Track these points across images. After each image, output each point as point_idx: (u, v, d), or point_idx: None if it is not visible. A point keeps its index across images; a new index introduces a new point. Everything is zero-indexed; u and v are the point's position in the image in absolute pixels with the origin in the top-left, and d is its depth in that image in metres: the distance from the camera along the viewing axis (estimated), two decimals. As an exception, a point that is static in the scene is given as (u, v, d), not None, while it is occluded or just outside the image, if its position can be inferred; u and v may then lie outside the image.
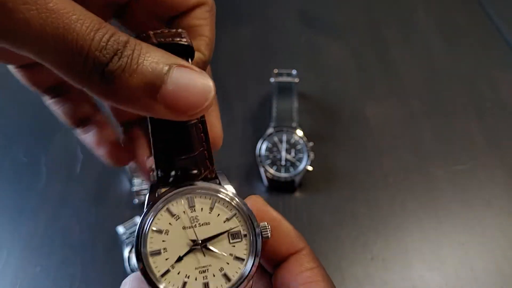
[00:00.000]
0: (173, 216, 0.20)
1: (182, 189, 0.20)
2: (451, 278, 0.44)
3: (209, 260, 0.19)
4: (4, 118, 0.56)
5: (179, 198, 0.20)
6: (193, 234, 0.19)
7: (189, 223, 0.20)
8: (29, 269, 0.43)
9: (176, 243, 0.19)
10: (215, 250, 0.19)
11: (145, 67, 0.17)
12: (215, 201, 0.20)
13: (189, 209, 0.20)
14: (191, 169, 0.21)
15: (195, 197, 0.20)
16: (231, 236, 0.20)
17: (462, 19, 0.73)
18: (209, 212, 0.20)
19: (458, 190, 0.51)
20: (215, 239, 0.20)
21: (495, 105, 0.60)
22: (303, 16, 0.72)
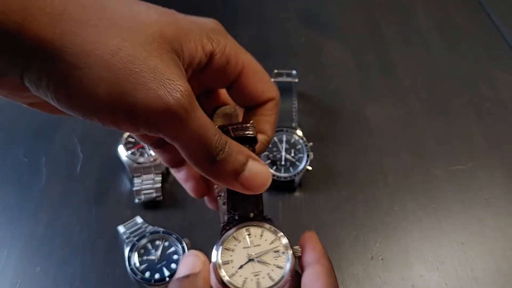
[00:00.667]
0: (236, 240, 0.30)
1: (243, 224, 0.30)
2: (451, 278, 0.44)
3: (260, 268, 0.29)
4: (4, 118, 0.56)
5: (241, 229, 0.30)
6: (250, 251, 0.30)
7: (247, 245, 0.30)
8: (29, 269, 0.43)
9: (239, 257, 0.29)
10: (264, 261, 0.29)
11: (234, 158, 0.25)
12: (263, 231, 0.30)
13: (247, 236, 0.30)
14: (248, 213, 0.31)
15: (251, 228, 0.30)
16: (274, 253, 0.30)
17: (462, 19, 0.73)
18: (260, 238, 0.30)
19: (457, 190, 0.51)
20: (263, 255, 0.30)
21: (495, 105, 0.60)
22: (303, 16, 0.72)
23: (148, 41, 0.22)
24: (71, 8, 0.20)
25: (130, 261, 0.41)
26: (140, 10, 0.23)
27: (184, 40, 0.24)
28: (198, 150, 0.24)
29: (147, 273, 0.41)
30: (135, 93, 0.21)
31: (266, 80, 0.30)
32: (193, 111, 0.23)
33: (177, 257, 0.42)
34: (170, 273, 0.40)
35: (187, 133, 0.23)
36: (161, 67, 0.22)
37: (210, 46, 0.26)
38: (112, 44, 0.21)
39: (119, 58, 0.21)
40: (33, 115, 0.56)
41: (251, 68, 0.28)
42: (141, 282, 0.40)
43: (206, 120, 0.24)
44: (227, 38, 0.27)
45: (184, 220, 0.47)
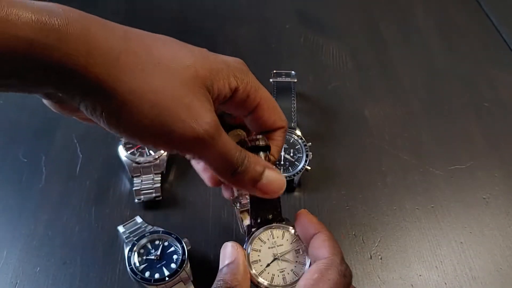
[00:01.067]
0: (262, 242, 0.34)
1: (266, 227, 0.35)
2: (450, 277, 0.44)
3: (285, 265, 0.34)
4: (4, 118, 0.56)
5: (265, 231, 0.35)
6: (275, 251, 0.34)
7: (272, 245, 0.34)
8: (28, 269, 0.43)
9: (266, 257, 0.34)
10: (287, 259, 0.34)
11: (252, 169, 0.30)
12: (284, 232, 0.35)
13: (271, 237, 0.35)
14: (268, 216, 0.35)
15: (274, 230, 0.35)
16: (295, 251, 0.34)
17: (461, 19, 0.73)
18: (282, 238, 0.35)
19: (456, 190, 0.51)
20: (286, 254, 0.34)
21: (494, 105, 0.60)
22: (302, 17, 0.72)
23: (185, 81, 0.27)
24: (124, 54, 0.26)
25: (130, 261, 0.41)
26: (179, 54, 0.28)
27: (215, 79, 0.29)
28: (222, 165, 0.30)
29: (147, 273, 0.41)
30: (173, 125, 0.27)
31: (278, 112, 0.34)
32: (219, 137, 0.28)
33: (177, 257, 0.42)
34: (169, 273, 0.41)
35: (212, 154, 0.29)
36: (194, 103, 0.27)
37: (235, 84, 0.31)
38: (156, 85, 0.26)
39: (161, 97, 0.26)
40: (33, 115, 0.57)
41: (267, 102, 0.33)
42: (140, 282, 0.40)
43: (229, 142, 0.29)
44: (249, 76, 0.32)
45: (183, 220, 0.48)
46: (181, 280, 0.41)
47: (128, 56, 0.26)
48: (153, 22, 0.70)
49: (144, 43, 0.27)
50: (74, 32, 0.24)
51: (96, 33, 0.25)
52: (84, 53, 0.24)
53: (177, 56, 0.28)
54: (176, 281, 0.40)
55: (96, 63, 0.24)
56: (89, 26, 0.25)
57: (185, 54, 0.29)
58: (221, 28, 0.70)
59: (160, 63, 0.27)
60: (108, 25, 0.26)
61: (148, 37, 0.28)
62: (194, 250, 0.44)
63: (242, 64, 0.33)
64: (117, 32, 0.26)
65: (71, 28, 0.24)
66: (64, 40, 0.23)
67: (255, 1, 0.75)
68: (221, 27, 0.70)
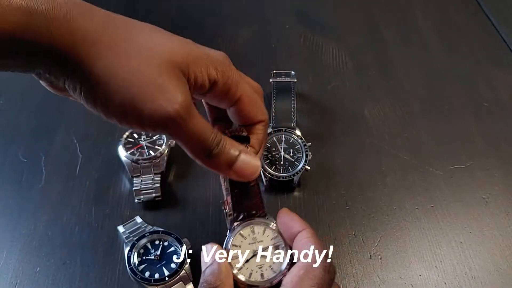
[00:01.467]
0: (243, 237, 0.35)
1: (247, 222, 0.35)
2: (449, 277, 0.44)
3: (263, 261, 0.34)
4: (4, 118, 0.56)
5: (246, 226, 0.35)
6: (254, 247, 0.34)
7: (252, 241, 0.35)
8: (28, 269, 0.44)
9: (245, 252, 0.34)
10: (266, 255, 0.34)
11: (227, 152, 0.32)
12: (266, 228, 0.35)
13: (252, 233, 0.35)
14: (252, 211, 0.36)
15: (255, 226, 0.35)
16: (274, 248, 0.34)
17: (461, 19, 0.73)
18: (263, 234, 0.35)
19: (456, 190, 0.51)
20: (266, 250, 0.34)
21: (493, 105, 0.60)
22: (302, 17, 0.72)
23: (160, 64, 0.28)
24: (104, 37, 0.27)
25: (130, 261, 0.41)
26: (158, 40, 0.30)
27: (192, 65, 0.30)
28: (195, 146, 0.30)
29: (147, 273, 0.41)
30: (144, 103, 0.28)
31: (258, 106, 0.36)
32: (190, 117, 0.29)
33: (177, 257, 0.42)
34: (169, 273, 0.41)
35: (185, 134, 0.30)
36: (167, 84, 0.28)
37: (214, 75, 0.32)
38: (130, 66, 0.28)
39: (135, 77, 0.28)
40: (33, 115, 0.57)
41: (247, 97, 0.34)
42: (140, 282, 0.40)
43: (202, 123, 0.30)
44: (231, 70, 0.33)
45: (183, 220, 0.48)
46: (181, 280, 0.41)
47: (107, 38, 0.27)
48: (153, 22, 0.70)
49: (124, 28, 0.29)
50: (58, 17, 0.26)
51: (78, 17, 0.27)
52: (67, 36, 0.26)
53: (155, 41, 0.29)
54: (176, 281, 0.40)
55: (77, 45, 0.26)
56: (72, 10, 0.26)
57: (164, 40, 0.30)
58: (221, 28, 0.70)
59: (137, 45, 0.28)
60: (91, 9, 0.28)
61: (129, 22, 0.30)
62: (194, 250, 0.44)
63: (224, 58, 0.33)
64: (98, 16, 0.28)
65: (56, 12, 0.26)
66: (50, 25, 0.25)
67: (255, 1, 0.75)
68: (221, 27, 0.70)
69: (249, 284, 0.33)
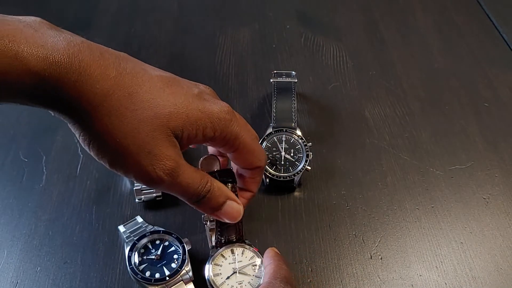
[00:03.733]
0: (223, 257, 0.40)
1: (228, 246, 0.41)
2: (450, 277, 0.44)
3: (243, 278, 0.39)
4: (4, 118, 0.56)
5: (227, 249, 0.40)
6: (234, 266, 0.39)
7: (232, 261, 0.40)
8: (29, 269, 0.44)
9: (226, 270, 0.39)
10: (245, 272, 0.39)
11: (215, 201, 0.36)
12: (244, 250, 0.40)
13: (232, 254, 0.40)
14: (232, 238, 0.41)
15: (235, 249, 0.41)
16: (253, 266, 0.39)
17: (461, 19, 0.73)
18: (241, 255, 0.40)
19: (456, 190, 0.51)
20: (245, 267, 0.39)
21: (493, 104, 0.60)
22: (303, 17, 0.73)
23: (153, 129, 0.31)
24: (108, 100, 0.30)
25: (130, 260, 0.41)
26: (160, 101, 0.32)
27: (188, 126, 0.32)
28: (183, 197, 0.34)
29: (147, 272, 0.41)
30: (131, 167, 0.31)
31: (256, 155, 0.38)
32: (176, 177, 0.32)
33: (177, 256, 0.42)
34: (170, 273, 0.41)
35: (172, 190, 0.34)
36: (155, 151, 0.31)
37: (211, 134, 0.34)
38: (126, 130, 0.30)
39: (127, 141, 0.30)
40: (33, 115, 0.57)
41: (245, 147, 0.37)
42: (141, 282, 0.40)
43: (189, 178, 0.33)
44: (230, 126, 0.35)
45: (184, 220, 0.48)
46: (181, 280, 0.41)
47: (110, 103, 0.30)
48: (154, 22, 0.70)
49: (131, 88, 0.31)
50: (69, 81, 0.28)
51: (88, 80, 0.29)
52: (74, 98, 0.29)
53: (156, 103, 0.31)
54: (176, 281, 0.40)
55: (81, 107, 0.29)
56: (85, 71, 0.29)
57: (165, 102, 0.32)
58: (222, 28, 0.70)
59: (137, 109, 0.30)
60: (104, 63, 0.30)
61: (139, 78, 0.31)
62: (194, 250, 0.44)
63: (226, 114, 0.35)
64: (110, 76, 0.30)
65: (68, 77, 0.28)
66: (59, 88, 0.28)
67: (256, 1, 0.75)
68: (222, 27, 0.70)
69: None
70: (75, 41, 0.29)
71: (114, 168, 0.32)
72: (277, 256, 0.39)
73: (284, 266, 0.38)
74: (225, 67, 0.63)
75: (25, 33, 0.27)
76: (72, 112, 0.30)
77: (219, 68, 0.63)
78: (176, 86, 0.33)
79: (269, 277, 0.36)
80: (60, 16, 0.71)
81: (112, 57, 0.31)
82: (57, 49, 0.28)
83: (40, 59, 0.27)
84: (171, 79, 0.34)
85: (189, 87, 0.34)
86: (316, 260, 0.45)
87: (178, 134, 0.32)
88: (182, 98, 0.33)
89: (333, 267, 0.45)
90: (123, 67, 0.31)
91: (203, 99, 0.34)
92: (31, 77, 0.27)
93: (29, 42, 0.27)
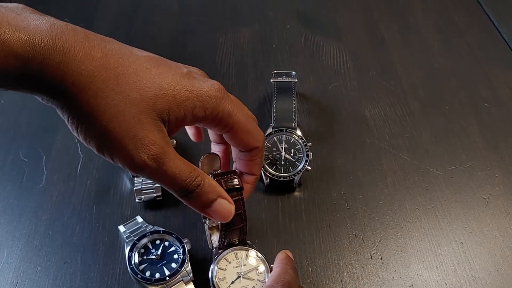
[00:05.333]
0: (227, 261, 0.39)
1: (231, 248, 0.40)
2: (450, 277, 0.44)
3: (247, 282, 0.38)
4: (5, 118, 0.56)
5: (230, 252, 0.40)
6: (239, 270, 0.39)
7: (236, 265, 0.39)
8: (29, 269, 0.44)
9: (230, 275, 0.39)
10: (250, 277, 0.39)
11: (205, 196, 0.34)
12: (247, 254, 0.40)
13: (235, 257, 0.40)
14: (235, 240, 0.40)
15: (238, 252, 0.40)
16: (257, 270, 0.39)
17: (461, 19, 0.73)
18: (245, 259, 0.40)
19: (456, 190, 0.51)
20: (249, 272, 0.39)
21: (493, 104, 0.60)
22: (303, 17, 0.73)
23: (139, 112, 0.30)
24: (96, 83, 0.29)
25: (131, 260, 0.41)
26: (146, 83, 0.31)
27: (175, 108, 0.31)
28: (170, 187, 0.33)
29: (148, 272, 0.41)
30: (115, 152, 0.30)
31: (252, 134, 0.36)
32: (162, 164, 0.31)
33: (177, 256, 0.42)
34: (170, 273, 0.41)
35: (156, 178, 0.32)
36: (140, 134, 0.30)
37: (202, 113, 0.33)
38: (111, 114, 0.29)
39: (113, 124, 0.29)
40: (34, 115, 0.57)
41: (241, 127, 0.35)
42: (141, 282, 0.40)
43: (177, 168, 0.32)
44: (222, 104, 0.34)
45: (184, 219, 0.48)
46: (181, 280, 0.41)
47: (96, 85, 0.29)
48: (154, 22, 0.70)
49: (117, 69, 0.30)
50: (53, 63, 0.28)
51: (72, 61, 0.28)
52: (58, 80, 0.28)
53: (142, 85, 0.30)
54: (176, 281, 0.40)
55: (67, 89, 0.29)
56: (70, 51, 0.28)
57: (151, 83, 0.31)
58: (222, 28, 0.70)
59: (123, 91, 0.30)
60: (89, 44, 0.29)
61: (125, 59, 0.31)
62: (194, 250, 0.44)
63: (216, 91, 0.33)
64: (95, 57, 0.29)
65: (52, 58, 0.28)
66: (43, 69, 0.28)
67: (256, 1, 0.75)
68: (222, 27, 0.70)
69: None
70: (58, 24, 0.29)
71: (101, 152, 0.31)
72: (286, 259, 0.38)
73: (290, 271, 0.37)
74: (225, 67, 0.63)
75: (6, 17, 0.27)
76: (58, 95, 0.29)
77: (219, 68, 0.63)
78: (163, 67, 0.32)
79: (272, 280, 0.36)
80: (60, 16, 0.71)
81: (97, 39, 0.30)
82: (39, 31, 0.28)
83: (22, 41, 0.27)
84: (159, 59, 0.33)
85: (177, 67, 0.33)
86: (316, 260, 0.45)
87: (165, 117, 0.31)
88: (170, 78, 0.32)
89: (333, 267, 0.45)
90: (109, 48, 0.30)
91: (192, 78, 0.33)
92: (15, 60, 0.27)
93: (11, 25, 0.27)
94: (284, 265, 0.37)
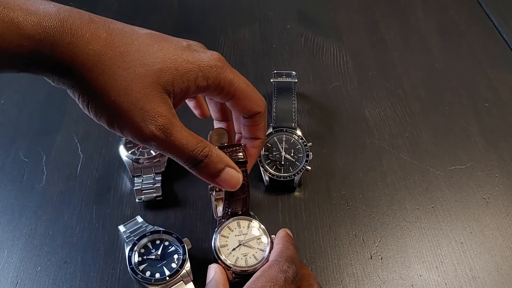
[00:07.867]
0: (230, 230, 0.41)
1: (234, 218, 0.42)
2: (450, 277, 0.44)
3: (248, 250, 0.40)
4: (6, 117, 0.56)
5: (233, 221, 0.42)
6: (240, 238, 0.41)
7: (238, 233, 0.41)
8: (29, 269, 0.44)
9: (232, 242, 0.40)
10: (250, 245, 0.40)
11: (213, 166, 0.35)
12: (250, 223, 0.42)
13: (238, 226, 0.42)
14: (238, 210, 0.42)
15: (240, 221, 0.42)
16: (257, 239, 0.41)
17: (461, 19, 0.73)
18: (247, 228, 0.42)
19: (456, 190, 0.51)
20: (250, 241, 0.41)
21: (494, 105, 0.60)
22: (303, 17, 0.73)
23: (145, 86, 0.32)
24: (103, 62, 0.31)
25: (131, 260, 0.41)
26: (150, 59, 0.32)
27: (178, 80, 0.33)
28: (180, 158, 0.34)
29: (148, 272, 0.41)
30: (125, 125, 0.32)
31: (254, 99, 0.38)
32: (170, 134, 0.33)
33: (177, 256, 0.42)
34: (170, 273, 0.41)
35: (166, 149, 0.34)
36: (147, 107, 0.32)
37: (204, 83, 0.35)
38: (119, 89, 0.31)
39: (121, 99, 0.31)
40: (34, 115, 0.57)
41: (242, 93, 0.37)
42: (141, 282, 0.40)
43: (184, 139, 0.34)
44: (223, 73, 0.35)
45: (184, 219, 0.48)
46: (181, 280, 0.41)
47: (104, 61, 0.31)
48: (154, 22, 0.70)
49: (122, 47, 0.32)
50: (63, 43, 0.29)
51: (80, 42, 0.30)
52: (68, 60, 0.30)
53: (146, 61, 0.32)
54: (176, 281, 0.40)
55: (76, 69, 0.30)
56: (77, 33, 0.30)
57: (155, 58, 0.33)
58: (222, 28, 0.70)
59: (129, 68, 0.32)
60: (94, 25, 0.31)
61: (128, 37, 0.33)
62: (194, 250, 0.44)
63: (217, 61, 0.35)
64: (101, 38, 0.31)
65: (62, 38, 0.29)
66: (54, 50, 0.29)
67: (256, 1, 0.75)
68: (222, 27, 0.70)
69: (236, 268, 0.39)
70: (64, 8, 0.31)
71: (112, 127, 0.33)
72: (286, 237, 0.40)
73: (291, 247, 0.39)
74: (225, 67, 0.63)
75: (17, 1, 0.29)
76: (68, 75, 0.30)
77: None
78: (165, 42, 0.34)
79: (275, 255, 0.37)
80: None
81: (101, 20, 0.32)
82: (49, 14, 0.29)
83: (34, 23, 0.28)
84: (160, 35, 0.35)
85: (178, 41, 0.35)
86: (316, 260, 0.45)
87: (170, 90, 0.33)
88: (171, 52, 0.33)
89: (333, 267, 0.45)
90: (113, 28, 0.32)
91: (193, 50, 0.35)
92: (28, 42, 0.28)
93: (23, 9, 0.28)
94: (285, 242, 0.39)
